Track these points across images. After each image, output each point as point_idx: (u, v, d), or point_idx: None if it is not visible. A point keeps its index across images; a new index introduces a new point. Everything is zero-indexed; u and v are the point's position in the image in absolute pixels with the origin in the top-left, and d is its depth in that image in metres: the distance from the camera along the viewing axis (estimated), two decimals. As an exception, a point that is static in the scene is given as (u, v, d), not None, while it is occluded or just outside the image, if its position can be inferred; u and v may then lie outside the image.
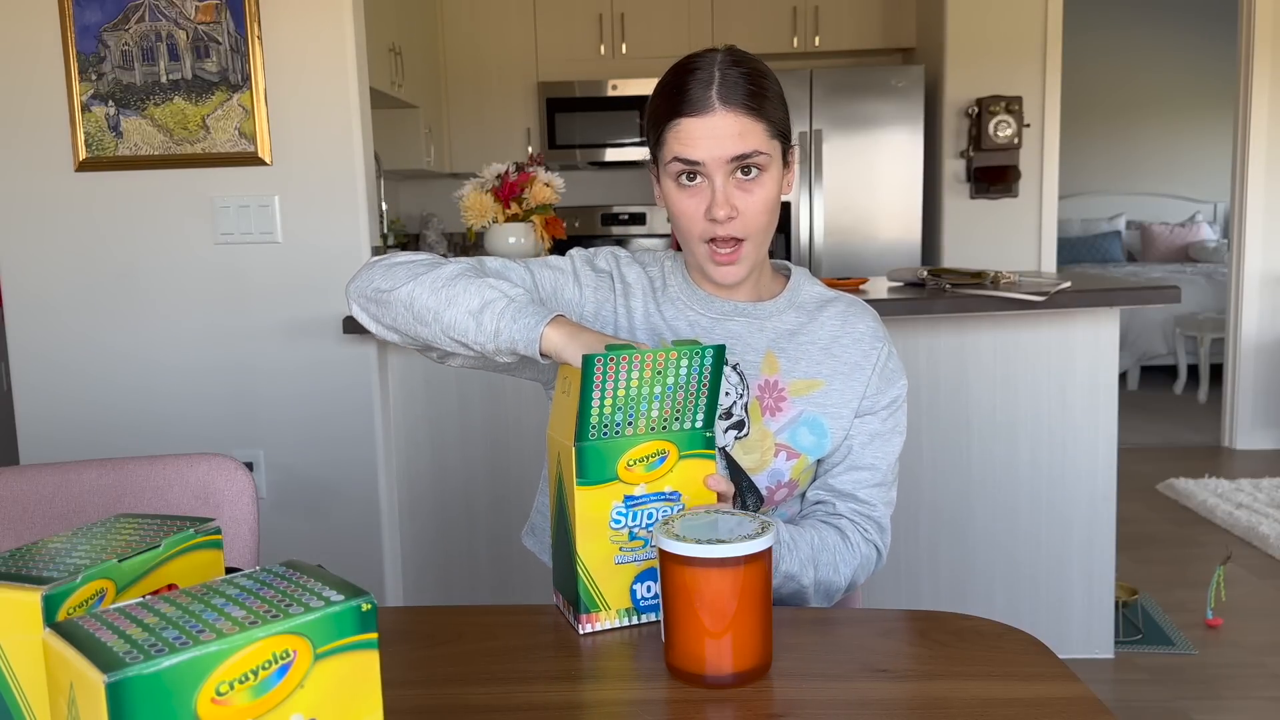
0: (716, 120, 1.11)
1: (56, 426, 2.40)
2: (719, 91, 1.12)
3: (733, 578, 0.88)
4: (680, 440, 0.94)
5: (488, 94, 4.89)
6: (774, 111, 1.14)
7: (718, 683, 0.89)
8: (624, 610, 0.97)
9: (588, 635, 0.98)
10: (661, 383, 0.90)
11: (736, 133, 1.11)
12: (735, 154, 1.12)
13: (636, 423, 0.91)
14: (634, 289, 1.24)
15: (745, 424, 1.19)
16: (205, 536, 0.77)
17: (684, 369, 0.91)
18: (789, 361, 1.21)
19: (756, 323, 1.22)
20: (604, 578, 0.96)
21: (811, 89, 4.36)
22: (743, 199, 1.13)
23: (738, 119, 1.11)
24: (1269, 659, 2.55)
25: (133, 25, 2.27)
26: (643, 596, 0.97)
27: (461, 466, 2.45)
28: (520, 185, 2.33)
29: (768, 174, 1.14)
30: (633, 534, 0.94)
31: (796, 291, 1.26)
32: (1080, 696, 0.86)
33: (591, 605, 0.96)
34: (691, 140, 1.12)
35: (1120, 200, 7.75)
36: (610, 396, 0.90)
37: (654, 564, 0.95)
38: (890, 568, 2.47)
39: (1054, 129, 4.38)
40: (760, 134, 1.13)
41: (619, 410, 0.91)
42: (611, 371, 0.89)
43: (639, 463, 0.93)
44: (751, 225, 1.15)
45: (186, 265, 2.35)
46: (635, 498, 0.93)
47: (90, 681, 0.50)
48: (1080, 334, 2.42)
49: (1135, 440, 4.80)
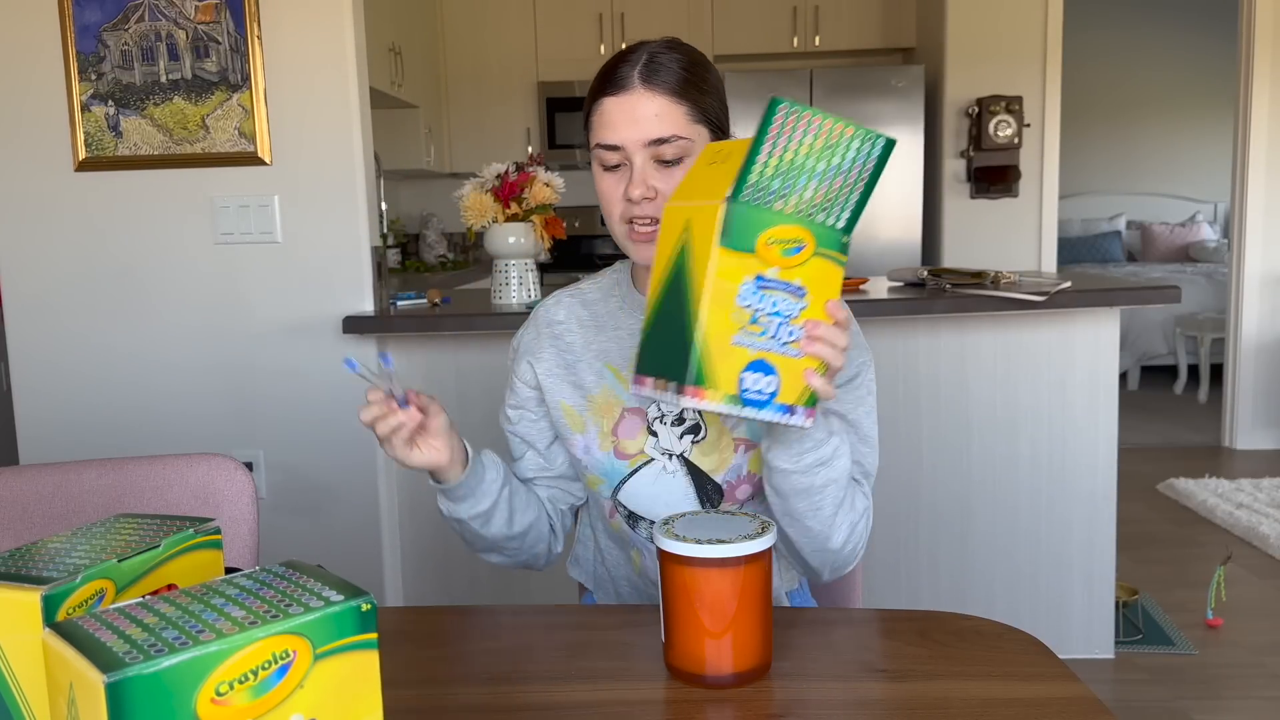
0: (635, 99, 1.09)
1: (56, 426, 2.39)
2: (641, 72, 1.09)
3: (733, 578, 0.88)
4: (820, 234, 0.88)
5: (488, 94, 4.89)
6: (700, 98, 1.11)
7: (718, 683, 0.89)
8: (730, 396, 0.88)
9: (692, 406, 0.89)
10: (827, 159, 0.85)
11: (654, 113, 1.08)
12: (652, 136, 1.09)
13: (789, 197, 0.86)
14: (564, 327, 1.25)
15: (701, 426, 1.17)
16: (205, 536, 0.77)
17: (852, 152, 0.85)
18: None
19: None
20: (719, 354, 0.87)
21: (811, 89, 4.36)
22: (662, 182, 1.10)
23: (655, 99, 1.09)
24: (1269, 659, 2.55)
25: (132, 25, 2.27)
26: (749, 387, 0.88)
27: (461, 466, 2.45)
28: (520, 185, 2.33)
29: (690, 160, 1.10)
30: (754, 318, 0.88)
31: None
32: (1080, 696, 0.86)
33: (701, 379, 0.87)
34: (611, 122, 1.10)
35: (1120, 200, 7.75)
36: (777, 157, 0.84)
37: (767, 356, 0.89)
38: (890, 567, 2.47)
39: (1054, 129, 4.38)
40: (680, 118, 1.09)
41: (778, 176, 0.85)
42: (790, 126, 0.83)
43: (777, 243, 0.87)
44: None
45: (186, 265, 2.35)
46: (766, 279, 0.87)
47: (90, 681, 0.50)
48: (1080, 334, 2.42)
49: (1135, 440, 4.80)
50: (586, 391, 1.21)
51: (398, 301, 2.46)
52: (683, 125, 1.10)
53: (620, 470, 1.19)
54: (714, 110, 1.13)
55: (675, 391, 0.89)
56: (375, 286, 2.37)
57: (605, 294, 1.25)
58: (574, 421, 1.21)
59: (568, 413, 1.22)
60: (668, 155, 1.10)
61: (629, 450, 1.19)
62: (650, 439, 1.18)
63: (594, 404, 1.20)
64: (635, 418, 1.19)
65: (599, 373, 1.21)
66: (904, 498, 2.45)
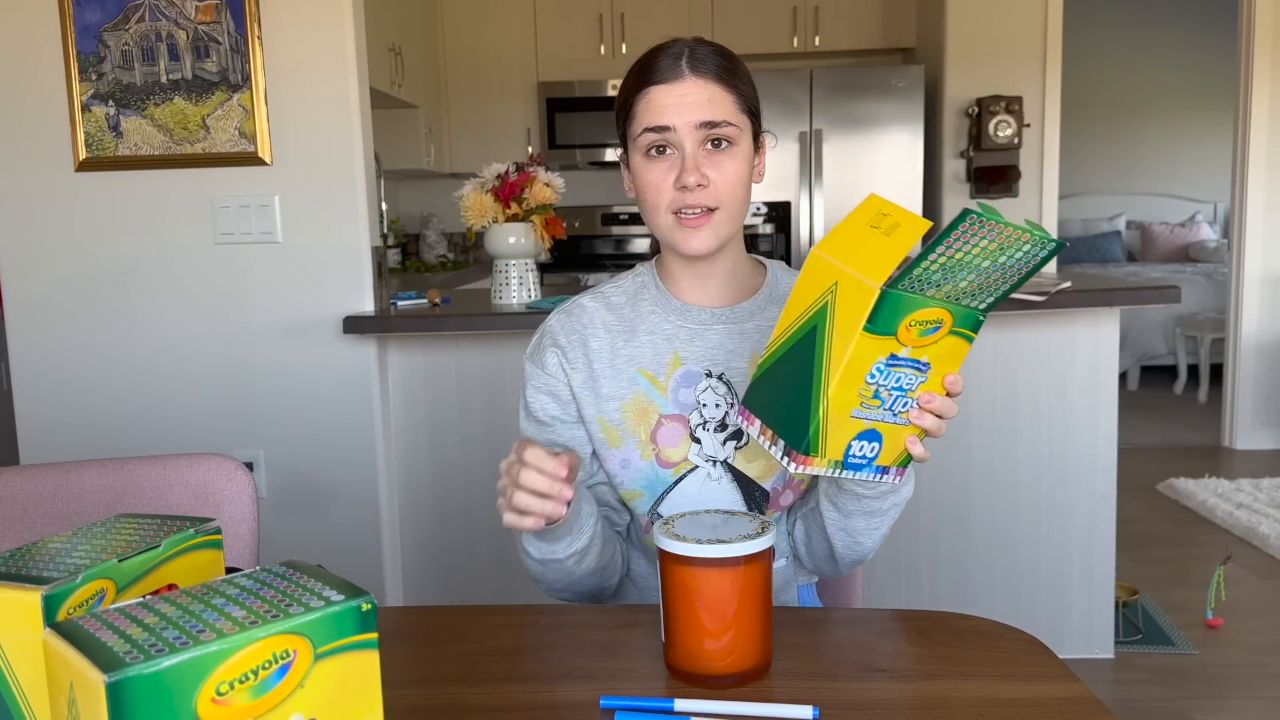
0: (687, 86, 1.10)
1: (56, 426, 2.40)
2: (689, 61, 1.11)
3: (733, 578, 0.88)
4: (959, 315, 0.88)
5: (488, 94, 4.89)
6: (744, 86, 1.14)
7: (718, 683, 0.89)
8: (835, 463, 0.92)
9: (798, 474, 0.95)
10: (994, 258, 0.84)
11: (706, 98, 1.10)
12: (706, 119, 1.10)
13: (944, 286, 0.86)
14: (590, 331, 1.20)
15: (744, 433, 1.16)
16: (205, 536, 0.77)
17: (1021, 252, 0.84)
18: None
19: (736, 326, 1.18)
20: (836, 425, 0.90)
21: (811, 89, 4.36)
22: (713, 169, 1.11)
23: (708, 85, 1.10)
24: (1269, 659, 2.55)
25: (133, 25, 2.27)
26: (855, 454, 0.92)
27: (461, 466, 2.45)
28: (520, 185, 2.33)
29: (738, 148, 1.12)
30: (877, 393, 0.89)
31: (775, 285, 1.22)
32: (1080, 696, 0.86)
33: (813, 449, 0.90)
34: (661, 107, 1.11)
35: (1120, 200, 7.75)
36: (948, 256, 0.83)
37: (878, 425, 0.91)
38: (890, 567, 2.47)
39: (1054, 129, 4.38)
40: (730, 105, 1.11)
41: (942, 270, 0.84)
42: (972, 232, 0.82)
43: (917, 325, 0.87)
44: (724, 196, 1.12)
45: (186, 265, 2.35)
46: (898, 358, 0.88)
47: (90, 681, 0.50)
48: (1080, 334, 2.42)
49: (1135, 440, 4.80)
50: (619, 400, 1.17)
51: (398, 301, 2.46)
52: (732, 112, 1.11)
53: (665, 479, 1.16)
54: (753, 100, 1.15)
55: (784, 452, 0.92)
56: (375, 286, 2.37)
57: (633, 298, 1.21)
58: (611, 436, 1.17)
59: (605, 428, 1.18)
60: (720, 138, 1.11)
61: (672, 458, 1.16)
62: (694, 446, 1.15)
63: (628, 413, 1.17)
64: (676, 424, 1.16)
65: (631, 379, 1.17)
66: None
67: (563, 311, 1.23)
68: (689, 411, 1.16)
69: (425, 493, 2.47)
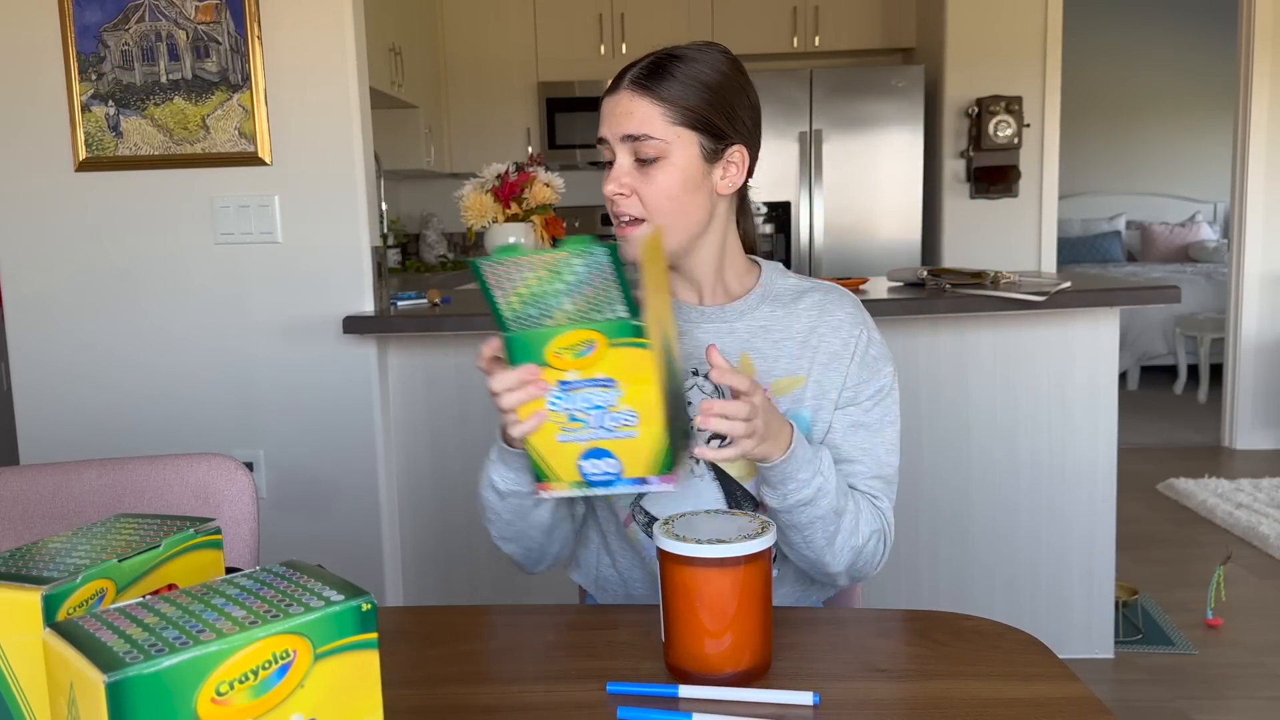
0: (619, 98, 1.13)
1: (56, 426, 2.40)
2: (633, 73, 1.12)
3: (733, 578, 0.88)
4: (607, 329, 0.94)
5: (488, 94, 4.89)
6: (684, 99, 1.11)
7: (718, 682, 0.89)
8: (575, 483, 1.00)
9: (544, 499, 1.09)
10: (561, 279, 0.91)
11: (628, 111, 1.11)
12: (624, 132, 1.11)
13: (553, 314, 0.94)
14: None
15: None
16: (205, 536, 0.77)
17: (580, 266, 0.91)
18: (766, 361, 1.18)
19: (726, 325, 1.19)
20: (549, 453, 0.99)
21: (811, 89, 4.36)
22: (639, 182, 1.12)
23: (634, 99, 1.11)
24: (1269, 659, 2.55)
25: (133, 25, 2.27)
26: (591, 471, 0.99)
27: (461, 466, 2.45)
28: (520, 185, 2.33)
29: (668, 162, 1.11)
30: (571, 416, 0.97)
31: (769, 285, 1.23)
32: (1080, 696, 0.86)
33: (543, 476, 1.00)
34: (602, 118, 1.14)
35: (1120, 200, 7.75)
36: (514, 294, 0.93)
37: (600, 444, 0.98)
38: (890, 567, 2.47)
39: (1054, 129, 4.38)
40: (657, 118, 1.10)
41: (528, 305, 0.93)
42: (502, 274, 0.91)
43: (566, 350, 0.95)
44: (651, 209, 1.13)
45: (186, 265, 2.35)
46: (569, 383, 0.96)
47: (90, 681, 0.50)
48: (1080, 334, 2.42)
49: (1135, 440, 4.80)
50: None
51: (398, 301, 2.46)
52: (658, 126, 1.11)
53: None
54: (701, 111, 1.12)
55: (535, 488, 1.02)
56: (375, 286, 2.37)
57: None
58: None
59: None
60: (641, 153, 1.11)
61: None
62: None
63: None
64: None
65: None
66: (904, 497, 2.45)
67: None
68: None
69: (425, 493, 2.47)
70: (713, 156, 1.14)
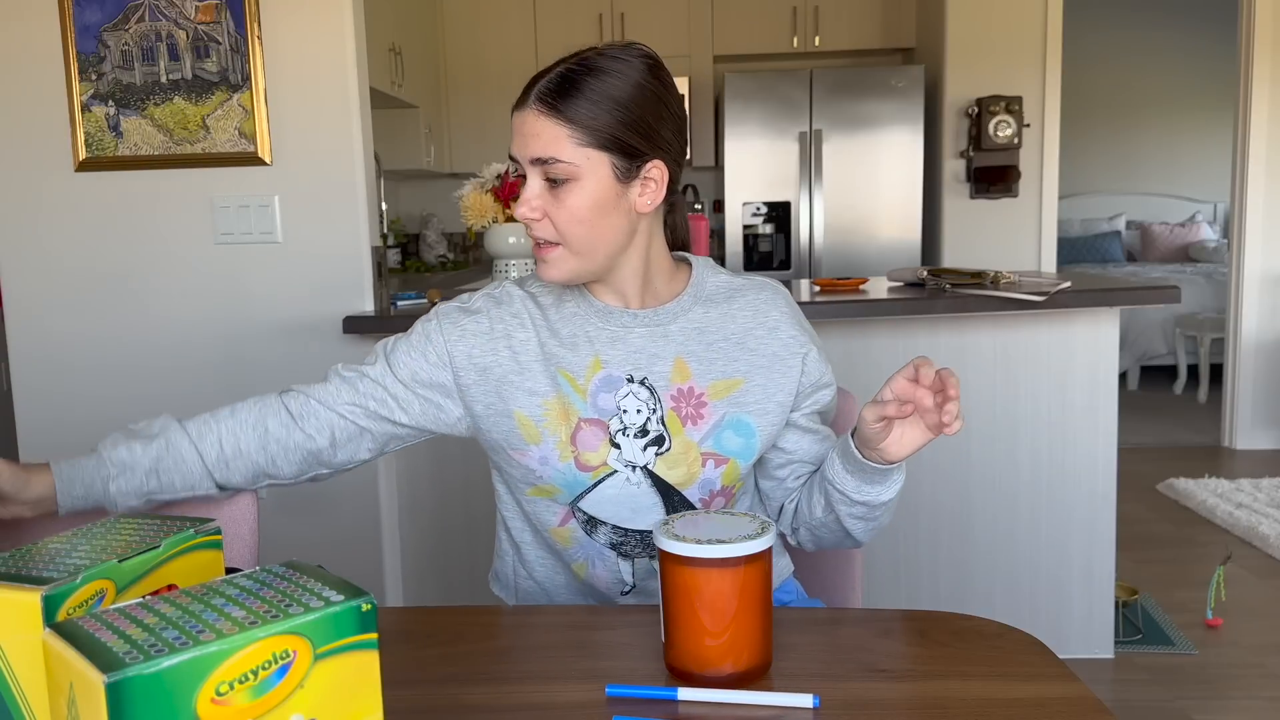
0: (526, 116, 1.08)
1: (56, 426, 2.40)
2: (538, 89, 1.07)
3: (733, 578, 0.88)
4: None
5: (488, 94, 4.89)
6: (594, 119, 1.05)
7: (718, 682, 0.89)
8: None
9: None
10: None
11: (535, 132, 1.07)
12: (532, 155, 1.08)
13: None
14: (517, 321, 1.17)
15: (665, 438, 1.13)
16: (205, 537, 0.77)
17: None
18: (702, 364, 1.15)
19: (660, 329, 1.16)
20: None
21: (811, 89, 4.36)
22: (550, 205, 1.09)
23: (539, 119, 1.06)
24: (1269, 659, 2.55)
25: (133, 25, 2.27)
26: None
27: (461, 466, 2.45)
28: (520, 185, 2.33)
29: (578, 184, 1.07)
30: None
31: (700, 285, 1.19)
32: (1080, 696, 0.86)
33: None
34: (513, 134, 1.11)
35: (1120, 200, 7.75)
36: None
37: None
38: (890, 567, 2.47)
39: (1054, 129, 4.38)
40: (563, 140, 1.06)
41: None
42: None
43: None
44: (564, 233, 1.09)
45: (186, 265, 2.35)
46: None
47: (90, 681, 0.50)
48: (1080, 334, 2.42)
49: (1135, 440, 4.80)
50: (541, 397, 1.14)
51: (398, 301, 2.46)
52: (565, 149, 1.06)
53: (583, 481, 1.14)
54: (614, 130, 1.06)
55: None
56: (375, 286, 2.37)
57: (557, 297, 1.19)
58: (529, 433, 1.14)
59: (523, 423, 1.14)
60: (551, 175, 1.08)
61: (591, 462, 1.13)
62: (613, 450, 1.13)
63: (550, 411, 1.14)
64: (595, 428, 1.13)
65: (553, 378, 1.14)
66: (904, 498, 2.45)
67: (491, 297, 1.20)
68: (608, 417, 1.13)
69: (425, 493, 2.47)
70: (628, 175, 1.09)
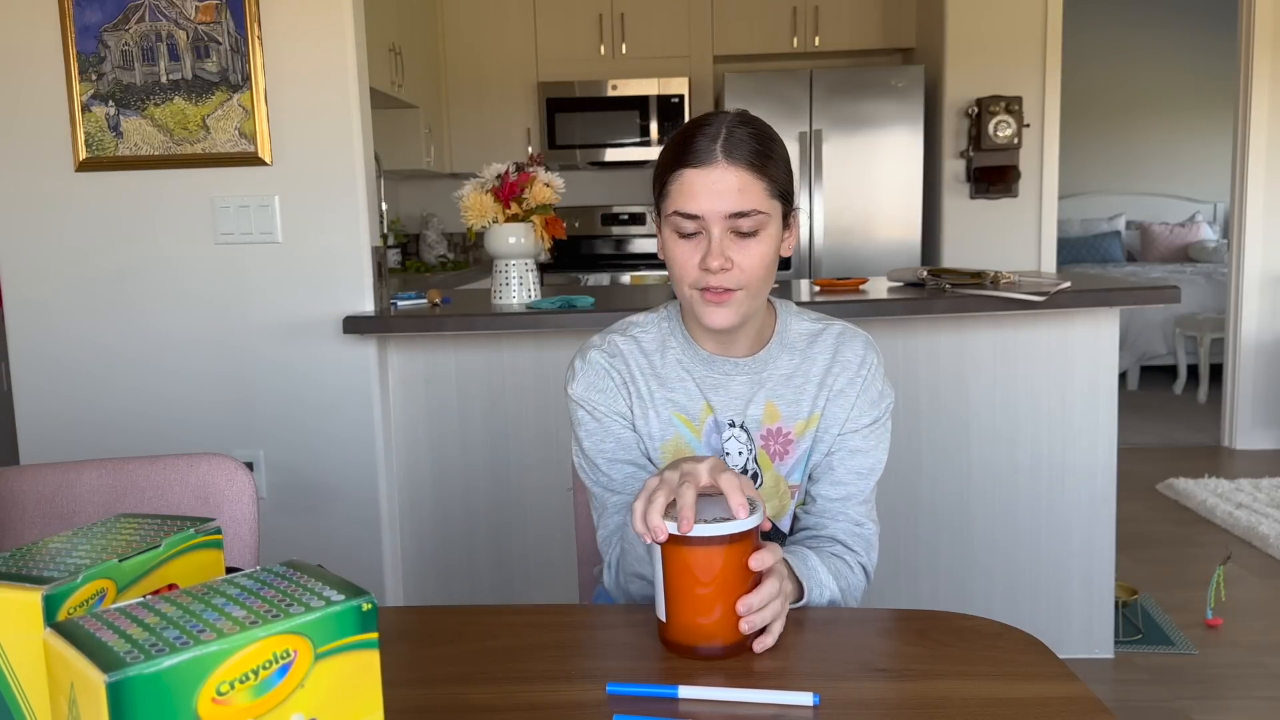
0: (718, 174, 1.12)
1: (56, 426, 2.40)
2: (723, 146, 1.12)
3: (723, 554, 0.94)
4: None
5: (488, 94, 4.89)
6: (776, 172, 1.15)
7: (709, 654, 0.95)
8: None
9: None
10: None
11: (737, 188, 1.12)
12: (734, 210, 1.12)
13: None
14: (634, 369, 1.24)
15: (759, 476, 1.23)
16: (205, 536, 0.77)
17: None
18: (790, 407, 1.23)
19: (756, 376, 1.24)
20: None
21: (811, 89, 4.36)
22: (738, 254, 1.14)
23: (739, 174, 1.12)
24: (1269, 659, 2.55)
25: (133, 25, 2.27)
26: None
27: (461, 466, 2.45)
28: (520, 185, 2.33)
29: (766, 232, 1.15)
30: None
31: (785, 331, 1.26)
32: (1080, 696, 0.86)
33: None
34: (692, 192, 1.13)
35: (1120, 200, 7.75)
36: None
37: None
38: (890, 568, 2.47)
39: (1054, 129, 4.38)
40: (760, 192, 1.13)
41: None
42: None
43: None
44: (747, 279, 1.15)
45: (186, 265, 2.35)
46: None
47: (91, 681, 0.50)
48: (1080, 334, 2.42)
49: (1135, 440, 4.80)
50: (660, 440, 1.23)
51: (398, 301, 2.46)
52: (761, 199, 1.13)
53: None
54: (785, 183, 1.17)
55: None
56: (375, 286, 2.37)
57: (660, 345, 1.25)
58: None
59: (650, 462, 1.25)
60: (744, 228, 1.13)
61: None
62: None
63: (667, 454, 1.23)
64: None
65: (668, 421, 1.23)
66: (904, 498, 2.45)
67: (601, 350, 1.26)
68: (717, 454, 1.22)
69: (425, 493, 2.47)
70: (785, 222, 1.19)
